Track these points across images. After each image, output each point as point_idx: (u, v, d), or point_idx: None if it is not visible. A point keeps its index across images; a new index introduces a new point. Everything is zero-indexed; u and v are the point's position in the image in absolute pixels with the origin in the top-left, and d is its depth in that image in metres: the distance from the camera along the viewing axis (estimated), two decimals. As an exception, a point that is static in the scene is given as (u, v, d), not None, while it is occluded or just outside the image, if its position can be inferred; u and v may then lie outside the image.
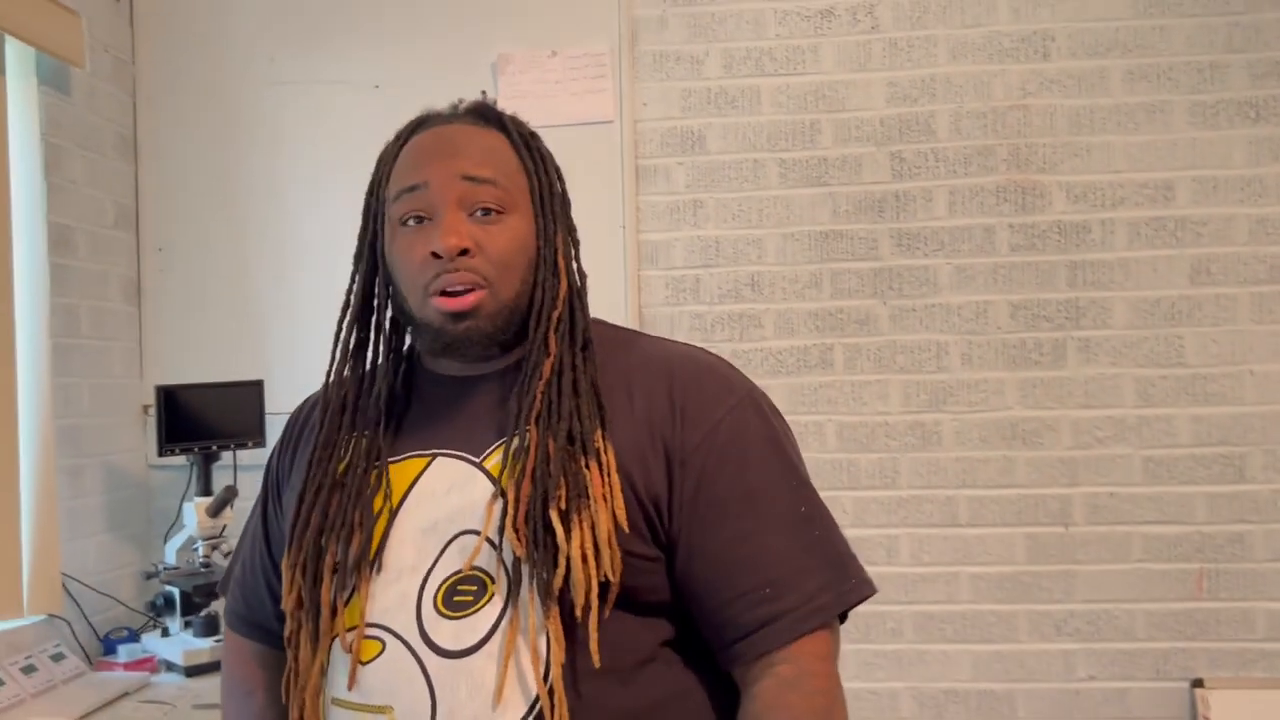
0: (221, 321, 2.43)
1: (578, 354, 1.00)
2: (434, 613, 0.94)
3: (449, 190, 0.99)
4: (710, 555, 0.95)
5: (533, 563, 0.91)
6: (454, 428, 1.02)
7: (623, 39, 2.37)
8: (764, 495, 0.97)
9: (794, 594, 0.94)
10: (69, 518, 2.11)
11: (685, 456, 0.97)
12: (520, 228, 1.02)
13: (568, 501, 0.92)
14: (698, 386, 1.00)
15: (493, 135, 1.05)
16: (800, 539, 0.97)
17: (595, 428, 0.96)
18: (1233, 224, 2.27)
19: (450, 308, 0.98)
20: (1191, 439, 2.26)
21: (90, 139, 2.26)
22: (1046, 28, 2.31)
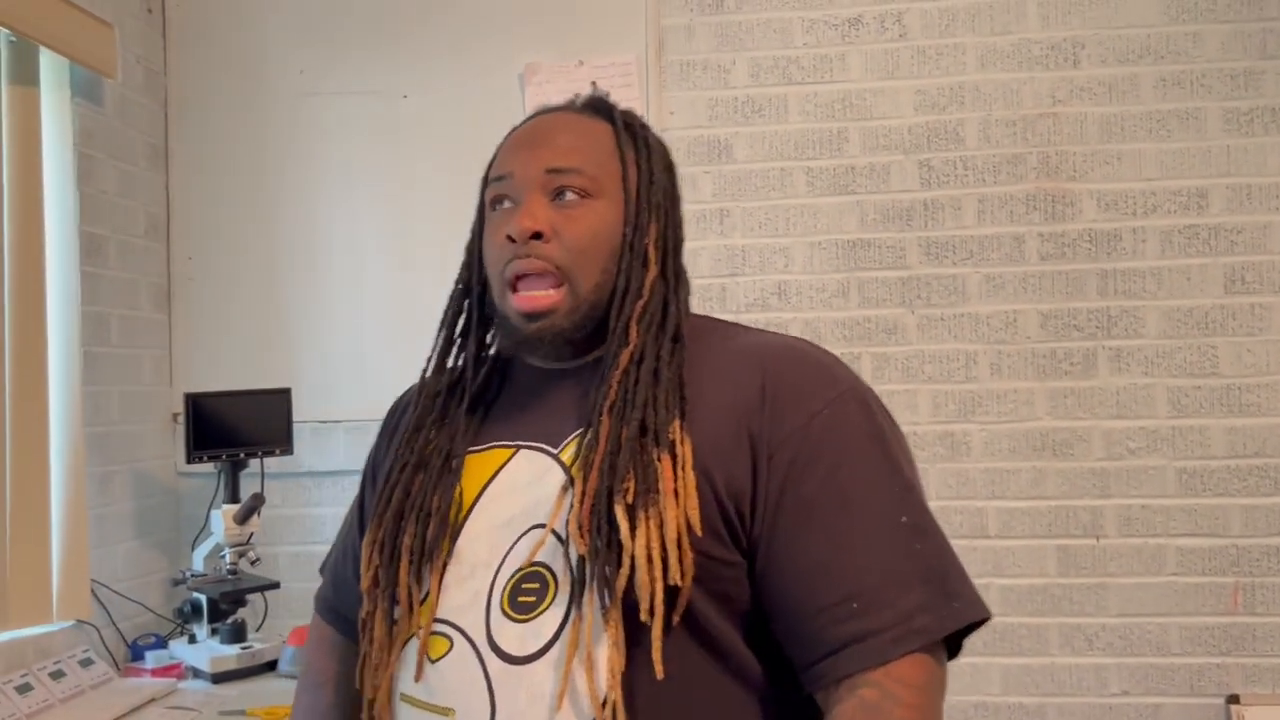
0: (250, 330, 2.44)
1: (664, 344, 0.94)
2: (500, 614, 0.90)
3: (531, 179, 0.97)
4: (792, 562, 0.87)
5: (595, 560, 0.85)
6: (538, 419, 0.99)
7: (650, 48, 2.37)
8: (859, 498, 0.88)
9: (886, 611, 0.83)
10: (98, 524, 2.13)
11: (773, 450, 0.88)
12: (605, 214, 0.97)
13: (635, 496, 0.85)
14: (794, 376, 0.93)
15: (595, 124, 1.02)
16: (898, 550, 0.86)
17: (672, 418, 0.89)
18: (1268, 232, 2.23)
19: (525, 307, 0.95)
20: (1226, 450, 2.22)
21: (122, 149, 2.29)
22: (1076, 34, 2.29)
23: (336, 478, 2.43)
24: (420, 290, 2.41)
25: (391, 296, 2.41)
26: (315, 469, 2.42)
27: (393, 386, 2.45)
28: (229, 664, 2.04)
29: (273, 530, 2.40)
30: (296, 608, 2.41)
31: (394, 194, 2.42)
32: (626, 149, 1.01)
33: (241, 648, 2.07)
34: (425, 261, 2.41)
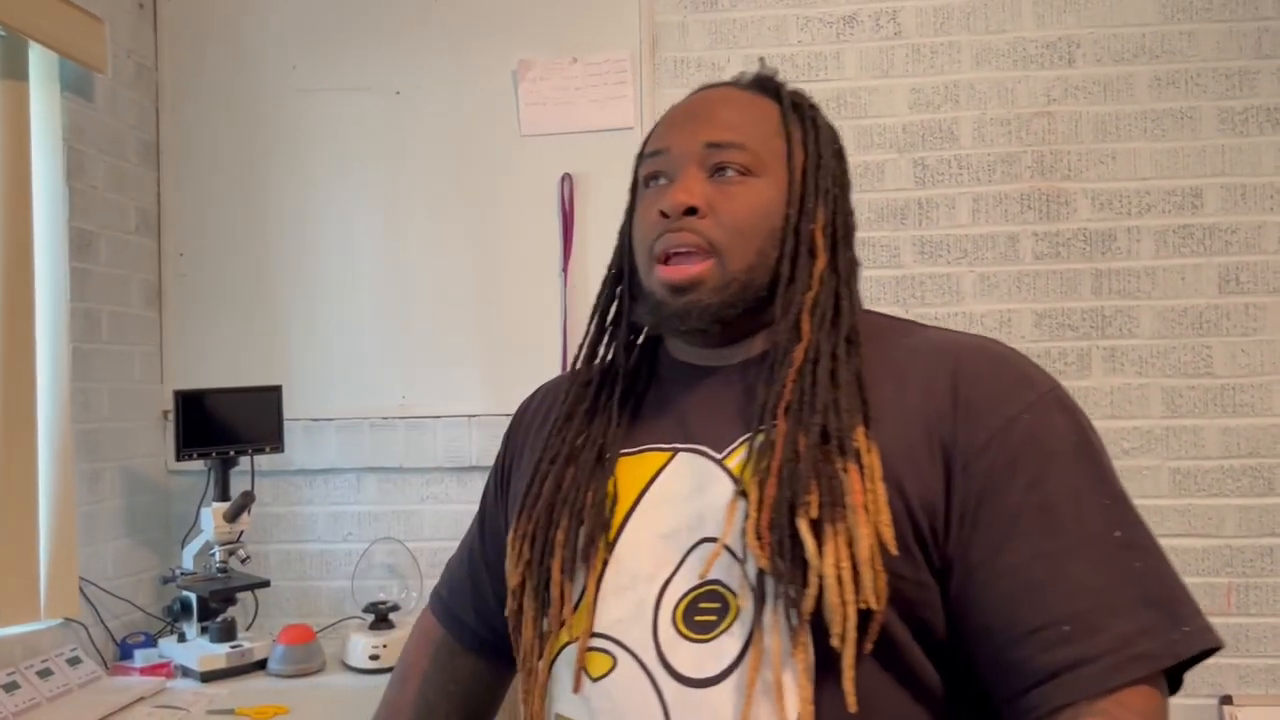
0: (242, 327, 2.43)
1: (840, 343, 0.88)
2: (673, 632, 0.83)
3: (689, 154, 0.92)
4: (996, 580, 0.79)
5: (778, 577, 0.78)
6: (696, 420, 0.92)
7: (643, 45, 2.36)
8: (1067, 510, 0.79)
9: (1104, 635, 0.75)
10: (87, 522, 2.11)
11: (969, 459, 0.81)
12: (765, 192, 0.91)
13: (820, 509, 0.78)
14: (989, 378, 0.85)
15: (760, 101, 0.97)
16: (1114, 569, 0.78)
17: (856, 424, 0.82)
18: (1262, 232, 2.23)
19: (671, 278, 0.90)
20: (1220, 451, 2.22)
21: (113, 145, 2.27)
22: (1071, 33, 2.28)
23: (328, 476, 2.42)
24: (413, 288, 2.40)
25: (384, 294, 2.40)
26: (306, 467, 2.41)
27: (386, 384, 2.47)
28: (218, 663, 2.03)
29: (263, 528, 2.39)
30: (287, 606, 2.41)
31: (387, 190, 2.41)
32: (793, 128, 0.95)
33: (231, 646, 2.06)
34: (418, 259, 2.40)
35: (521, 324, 2.37)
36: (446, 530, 2.39)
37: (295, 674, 2.06)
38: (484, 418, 2.36)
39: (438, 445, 2.38)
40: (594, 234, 2.35)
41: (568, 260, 2.34)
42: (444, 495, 2.40)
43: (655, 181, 0.95)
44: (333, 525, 2.42)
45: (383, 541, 2.39)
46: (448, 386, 2.38)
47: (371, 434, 2.39)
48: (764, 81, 1.00)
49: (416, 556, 2.38)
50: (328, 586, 2.41)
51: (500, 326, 2.37)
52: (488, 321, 2.38)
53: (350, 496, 2.42)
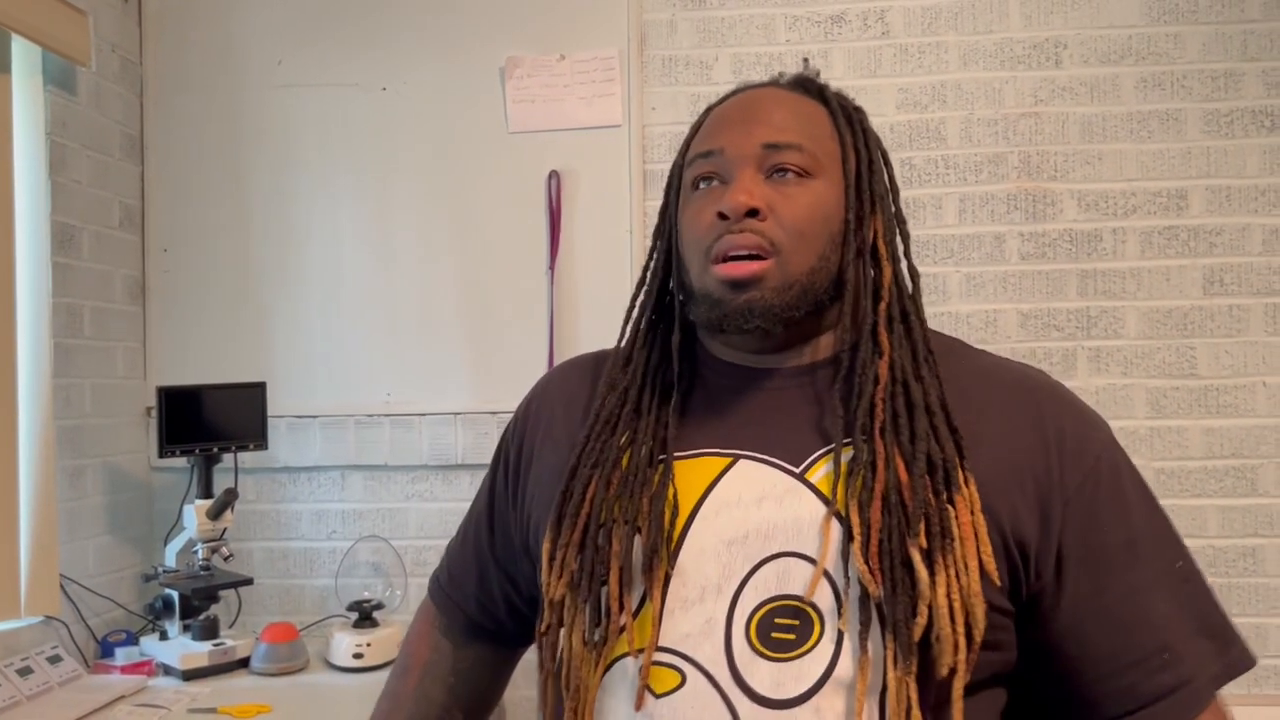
0: (226, 323, 2.42)
1: (921, 363, 0.87)
2: (748, 648, 0.80)
3: (746, 156, 0.90)
4: (1099, 614, 0.83)
5: (888, 606, 0.78)
6: (758, 426, 0.90)
7: (631, 43, 2.36)
8: (1146, 546, 0.85)
9: (1189, 660, 0.83)
10: (68, 519, 2.10)
11: (1068, 497, 0.84)
12: (825, 194, 0.90)
13: (929, 540, 0.78)
14: (1072, 421, 0.88)
15: (808, 103, 0.95)
16: (1182, 598, 0.85)
17: (955, 455, 0.82)
18: (1247, 234, 2.24)
19: (731, 274, 0.87)
20: (1203, 451, 2.23)
21: (96, 139, 2.25)
22: (1059, 34, 2.29)
23: (312, 473, 2.40)
24: (399, 284, 2.39)
25: (369, 291, 2.39)
26: (290, 464, 2.39)
27: (371, 382, 2.46)
28: (200, 661, 2.02)
29: (246, 526, 2.38)
30: (270, 604, 2.40)
31: (372, 187, 2.40)
32: (844, 131, 0.93)
33: (213, 645, 2.05)
34: (404, 255, 2.39)
35: (508, 321, 2.36)
36: (431, 529, 2.38)
37: (278, 672, 2.05)
38: (470, 415, 2.36)
39: (423, 443, 2.37)
40: (581, 231, 2.34)
41: (554, 258, 2.34)
42: (429, 493, 2.39)
43: (707, 183, 0.92)
44: (317, 523, 2.41)
45: (367, 539, 2.38)
46: (433, 384, 2.37)
47: (356, 431, 2.38)
48: (807, 83, 0.98)
49: (401, 555, 2.37)
50: (311, 585, 2.40)
51: (486, 324, 2.37)
52: (474, 319, 2.37)
53: (334, 494, 2.41)
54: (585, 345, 2.32)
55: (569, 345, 2.33)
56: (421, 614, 1.17)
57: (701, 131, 0.97)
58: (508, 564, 1.07)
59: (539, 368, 2.33)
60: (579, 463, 0.92)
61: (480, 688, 1.15)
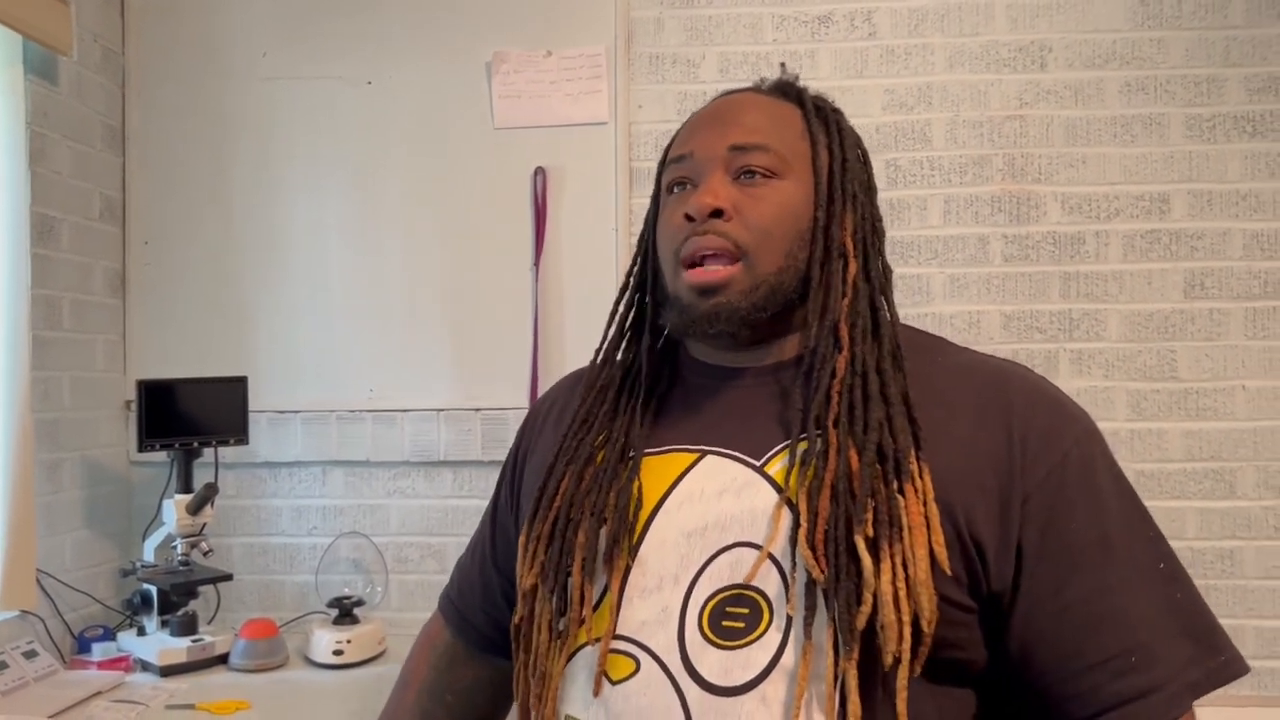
0: (207, 317, 2.40)
1: (885, 358, 0.87)
2: (699, 636, 0.82)
3: (714, 158, 0.91)
4: (1063, 612, 0.81)
5: (832, 593, 0.78)
6: (726, 423, 0.91)
7: (619, 40, 2.35)
8: (1121, 544, 0.83)
9: (1162, 666, 0.80)
10: (46, 513, 2.08)
11: (1028, 494, 0.82)
12: (791, 193, 0.91)
13: (876, 527, 0.78)
14: (1041, 413, 0.86)
15: (782, 106, 0.96)
16: (1162, 600, 0.82)
17: (909, 446, 0.82)
18: (1228, 238, 2.26)
19: (698, 280, 0.89)
20: (1183, 454, 2.25)
21: (78, 130, 2.23)
22: (1044, 38, 2.30)
23: (293, 469, 2.39)
24: (382, 280, 2.38)
25: (353, 285, 2.38)
26: (271, 460, 2.38)
27: (353, 377, 2.45)
28: (179, 657, 2.00)
29: (226, 521, 2.37)
30: (249, 600, 2.38)
31: (356, 181, 2.39)
32: (817, 132, 0.94)
33: (192, 641, 2.03)
34: (388, 250, 2.38)
35: (492, 318, 2.35)
36: (413, 525, 2.37)
37: (257, 669, 2.03)
38: (453, 412, 2.35)
39: (405, 439, 2.36)
40: (566, 228, 2.34)
41: (539, 254, 2.33)
42: (411, 490, 2.38)
43: (680, 188, 0.94)
44: (297, 519, 2.40)
45: (348, 536, 2.37)
46: (416, 380, 2.36)
47: (338, 427, 2.37)
48: (785, 87, 0.99)
49: (382, 551, 2.36)
50: (291, 581, 2.39)
51: (471, 320, 2.36)
52: (458, 315, 2.36)
53: (315, 490, 2.39)
54: (570, 343, 2.32)
55: (553, 342, 2.33)
56: (425, 631, 1.17)
57: (676, 137, 0.99)
58: (510, 573, 1.06)
59: (523, 365, 2.33)
60: (556, 460, 0.95)
61: (479, 707, 1.14)
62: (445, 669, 1.13)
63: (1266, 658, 2.21)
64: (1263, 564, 2.22)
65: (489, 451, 2.32)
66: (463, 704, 1.13)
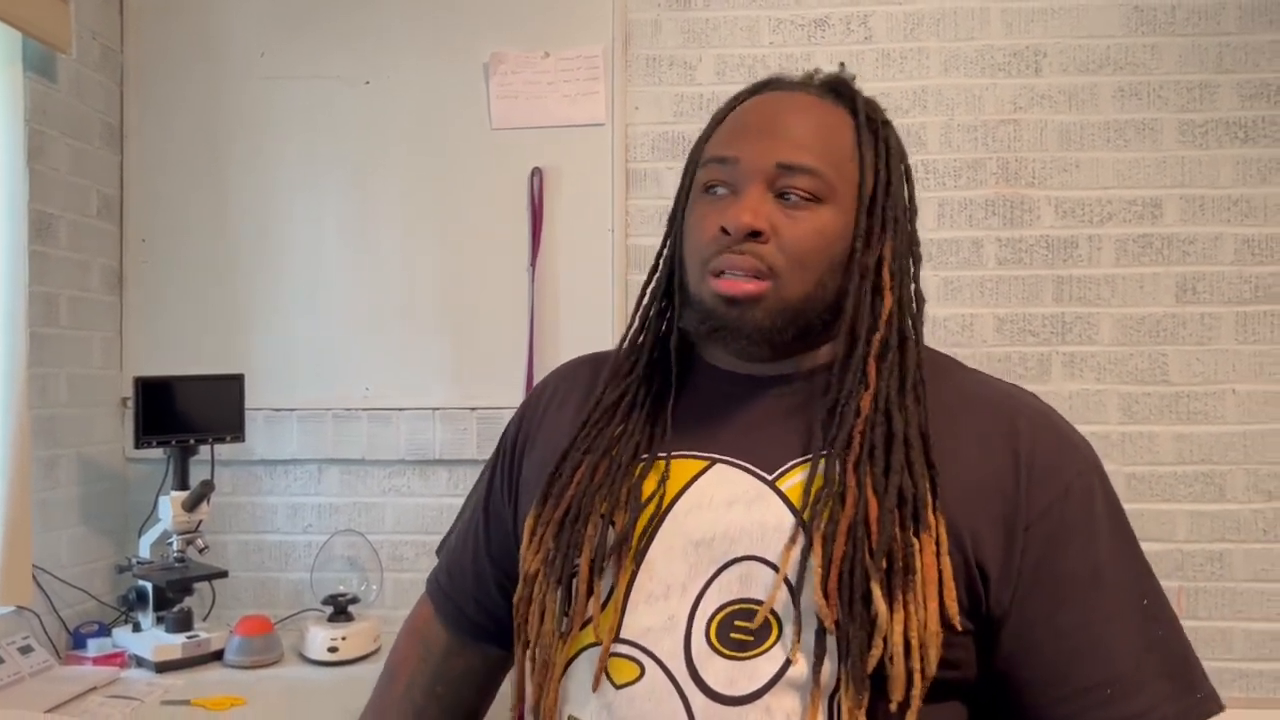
0: (204, 314, 2.40)
1: (908, 393, 0.86)
2: (706, 646, 0.82)
3: (759, 171, 0.89)
4: (1050, 640, 0.83)
5: (843, 641, 0.79)
6: (737, 433, 0.91)
7: (616, 42, 2.36)
8: (1111, 578, 0.85)
9: (1136, 700, 0.81)
10: (42, 509, 2.08)
11: (1030, 521, 0.83)
12: (831, 222, 0.89)
13: (890, 575, 0.79)
14: (1047, 442, 0.87)
15: (835, 113, 0.93)
16: (1144, 635, 0.84)
17: (927, 493, 0.82)
18: (1220, 243, 2.27)
19: (727, 290, 0.87)
20: (1174, 457, 2.26)
21: (76, 127, 2.24)
22: (1038, 43, 2.31)
23: (288, 467, 2.40)
24: (379, 279, 2.39)
25: (350, 285, 2.39)
26: (267, 457, 2.39)
27: (349, 376, 2.46)
28: (174, 653, 2.01)
29: (222, 518, 2.37)
30: (245, 597, 2.39)
31: (354, 181, 2.40)
32: (866, 148, 0.92)
33: (187, 637, 2.04)
34: (385, 250, 2.39)
35: (488, 318, 2.36)
36: (408, 524, 2.38)
37: (252, 665, 2.04)
38: (448, 411, 2.36)
39: (400, 438, 2.37)
40: (563, 230, 2.35)
41: (536, 255, 2.34)
42: (406, 488, 2.39)
43: (718, 190, 0.91)
44: (292, 516, 2.40)
45: (343, 534, 2.38)
46: (412, 379, 2.37)
47: (334, 425, 2.38)
48: (840, 87, 0.96)
49: (377, 549, 2.37)
50: (286, 578, 2.40)
51: (466, 320, 2.37)
52: (454, 315, 2.37)
53: (311, 488, 2.40)
54: (565, 343, 2.33)
55: (549, 343, 2.34)
56: (413, 621, 1.15)
57: (723, 130, 0.95)
58: (504, 561, 1.07)
59: (519, 365, 2.34)
60: (571, 446, 0.94)
61: (468, 699, 1.13)
62: (435, 660, 1.11)
63: (1255, 660, 2.23)
64: (1252, 567, 2.24)
65: (484, 451, 2.33)
66: (452, 695, 1.11)
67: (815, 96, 0.94)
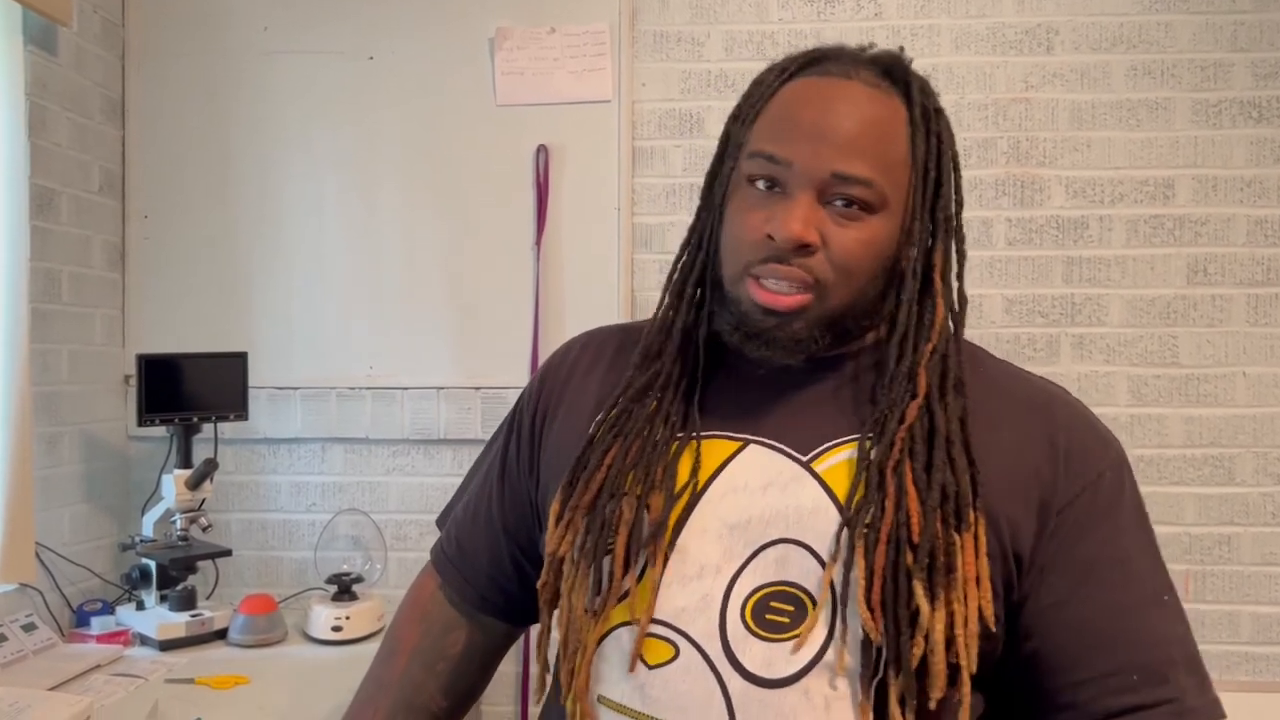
0: (207, 292, 2.39)
1: (949, 390, 0.86)
2: (741, 627, 0.82)
3: (812, 179, 0.85)
4: (1072, 623, 0.83)
5: (890, 648, 0.79)
6: (771, 415, 0.90)
7: (623, 17, 2.33)
8: (1135, 568, 0.86)
9: (1162, 689, 0.82)
10: (45, 486, 2.07)
11: (1061, 507, 0.84)
12: (881, 231, 0.86)
13: (932, 573, 0.79)
14: (1082, 434, 0.88)
15: (888, 106, 0.88)
16: (1165, 628, 0.85)
17: (969, 492, 0.82)
18: (1231, 224, 2.25)
19: (769, 303, 0.85)
20: (1183, 440, 2.25)
21: (77, 101, 2.21)
22: (1050, 20, 2.28)
23: (292, 445, 2.39)
24: (383, 257, 2.37)
25: (353, 262, 2.37)
26: (271, 436, 2.37)
27: (353, 354, 2.44)
28: (177, 631, 2.01)
29: (225, 497, 2.36)
30: (248, 575, 2.38)
31: (358, 157, 2.37)
32: (918, 144, 0.88)
33: (191, 615, 2.04)
34: (389, 227, 2.37)
35: (493, 296, 2.34)
36: (412, 503, 2.37)
37: (256, 644, 2.04)
38: (452, 390, 2.34)
39: (405, 417, 2.36)
40: (568, 207, 2.33)
41: (541, 233, 2.32)
42: (410, 467, 2.37)
43: (766, 185, 0.88)
44: (296, 495, 2.39)
45: (347, 513, 2.37)
46: (416, 358, 2.36)
47: (338, 404, 2.37)
48: (892, 69, 0.91)
49: (381, 529, 2.36)
50: (290, 557, 2.39)
51: (471, 298, 2.35)
52: (459, 293, 2.35)
53: (315, 466, 2.39)
54: (571, 322, 2.32)
55: (554, 322, 2.32)
56: (414, 595, 1.14)
57: (772, 118, 0.90)
58: (519, 534, 1.05)
59: (523, 344, 2.32)
60: (600, 429, 0.93)
61: (469, 674, 1.12)
62: (438, 634, 1.10)
63: (1262, 643, 2.22)
64: (1260, 550, 2.23)
65: (489, 430, 2.31)
66: (452, 672, 1.10)
67: (869, 86, 0.89)
